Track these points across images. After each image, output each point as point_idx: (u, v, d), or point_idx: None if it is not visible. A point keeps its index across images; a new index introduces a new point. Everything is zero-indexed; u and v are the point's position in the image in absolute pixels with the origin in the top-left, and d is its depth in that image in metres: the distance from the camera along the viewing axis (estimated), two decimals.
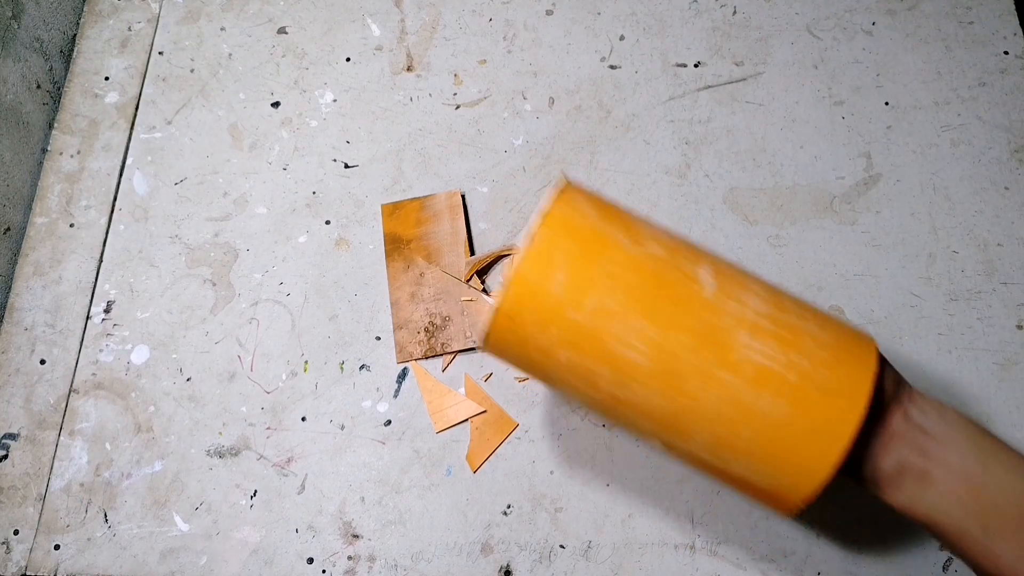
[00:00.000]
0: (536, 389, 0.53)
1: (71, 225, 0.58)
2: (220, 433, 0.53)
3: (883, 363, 0.36)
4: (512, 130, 0.60)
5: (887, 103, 0.59)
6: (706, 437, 0.34)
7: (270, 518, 0.51)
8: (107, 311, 0.56)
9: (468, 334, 0.53)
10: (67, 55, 0.63)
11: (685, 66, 0.61)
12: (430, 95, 0.61)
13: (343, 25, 0.63)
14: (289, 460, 0.52)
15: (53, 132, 0.61)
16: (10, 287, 0.57)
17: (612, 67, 0.61)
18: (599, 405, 0.37)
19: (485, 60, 0.62)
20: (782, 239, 0.56)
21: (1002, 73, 0.59)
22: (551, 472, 0.51)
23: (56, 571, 0.50)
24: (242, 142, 0.60)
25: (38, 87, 0.60)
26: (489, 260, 0.55)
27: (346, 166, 0.59)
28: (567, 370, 0.36)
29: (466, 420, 0.52)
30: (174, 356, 0.55)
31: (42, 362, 0.55)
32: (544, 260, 0.35)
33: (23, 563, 0.50)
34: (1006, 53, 0.60)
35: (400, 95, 0.61)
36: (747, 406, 0.33)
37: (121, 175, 0.59)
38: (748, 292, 0.35)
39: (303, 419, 0.53)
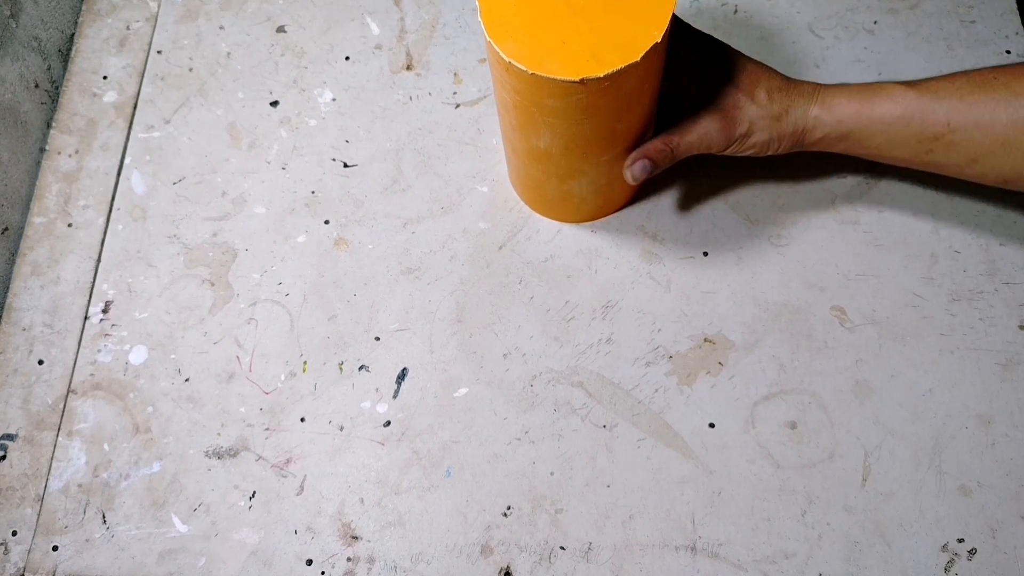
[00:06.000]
0: (537, 390, 0.52)
1: (69, 225, 0.58)
2: (219, 434, 0.52)
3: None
4: None
5: None
6: None
7: (269, 519, 0.50)
8: (105, 311, 0.56)
9: None
10: (65, 54, 0.63)
11: None
12: (430, 94, 0.61)
13: (342, 24, 0.63)
14: (288, 461, 0.52)
15: (51, 131, 0.61)
16: (8, 287, 0.57)
17: None
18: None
19: (485, 59, 0.62)
20: (783, 239, 0.56)
21: None
22: (551, 473, 0.51)
23: (54, 572, 0.50)
24: (240, 141, 0.60)
25: (36, 86, 0.60)
26: None
27: (345, 165, 0.59)
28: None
29: None
30: (172, 356, 0.54)
31: (40, 362, 0.54)
32: None
33: (21, 564, 0.50)
34: (1008, 52, 0.60)
35: (399, 94, 0.61)
36: None
37: (119, 175, 0.59)
38: None
39: (302, 420, 0.53)
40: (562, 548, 0.49)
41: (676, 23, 0.45)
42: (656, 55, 0.41)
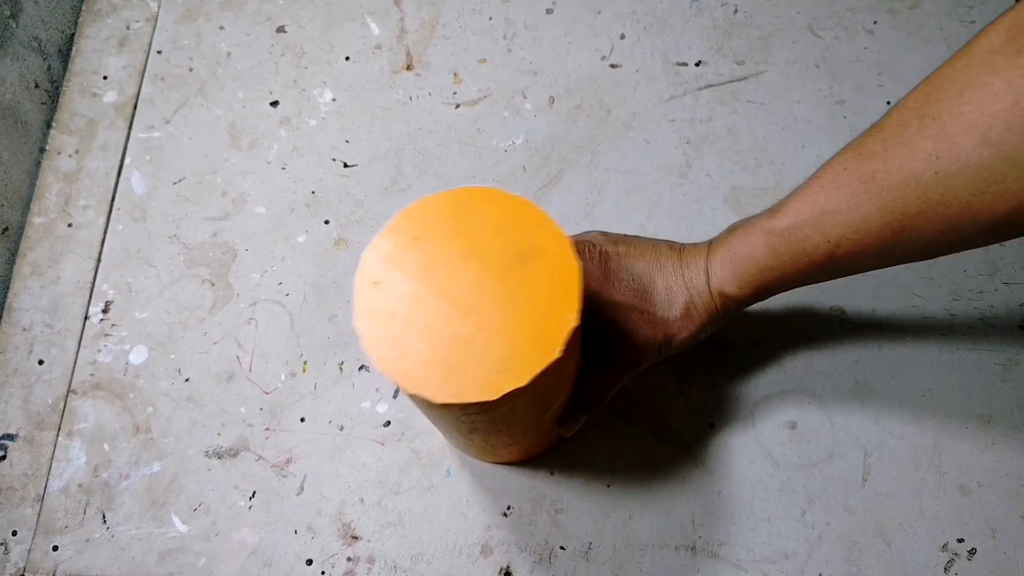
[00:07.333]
0: None
1: (69, 225, 0.58)
2: (219, 434, 0.52)
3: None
4: (512, 129, 0.59)
5: (889, 102, 0.59)
6: None
7: (269, 519, 0.50)
8: (105, 311, 0.56)
9: None
10: (65, 54, 0.63)
11: (686, 65, 0.61)
12: (430, 94, 0.61)
13: (342, 24, 0.63)
14: (288, 461, 0.52)
15: (51, 131, 0.61)
16: (8, 287, 0.57)
17: (613, 66, 0.61)
18: None
19: (485, 59, 0.62)
20: None
21: None
22: (551, 473, 0.51)
23: (55, 572, 0.50)
24: (241, 141, 0.60)
25: (36, 86, 0.60)
26: None
27: (345, 165, 0.59)
28: None
29: None
30: (172, 356, 0.54)
31: (40, 362, 0.54)
32: None
33: (21, 564, 0.50)
34: None
35: (399, 94, 0.61)
36: None
37: (119, 175, 0.59)
38: None
39: (302, 420, 0.53)
40: (562, 548, 0.49)
41: None
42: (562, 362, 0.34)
